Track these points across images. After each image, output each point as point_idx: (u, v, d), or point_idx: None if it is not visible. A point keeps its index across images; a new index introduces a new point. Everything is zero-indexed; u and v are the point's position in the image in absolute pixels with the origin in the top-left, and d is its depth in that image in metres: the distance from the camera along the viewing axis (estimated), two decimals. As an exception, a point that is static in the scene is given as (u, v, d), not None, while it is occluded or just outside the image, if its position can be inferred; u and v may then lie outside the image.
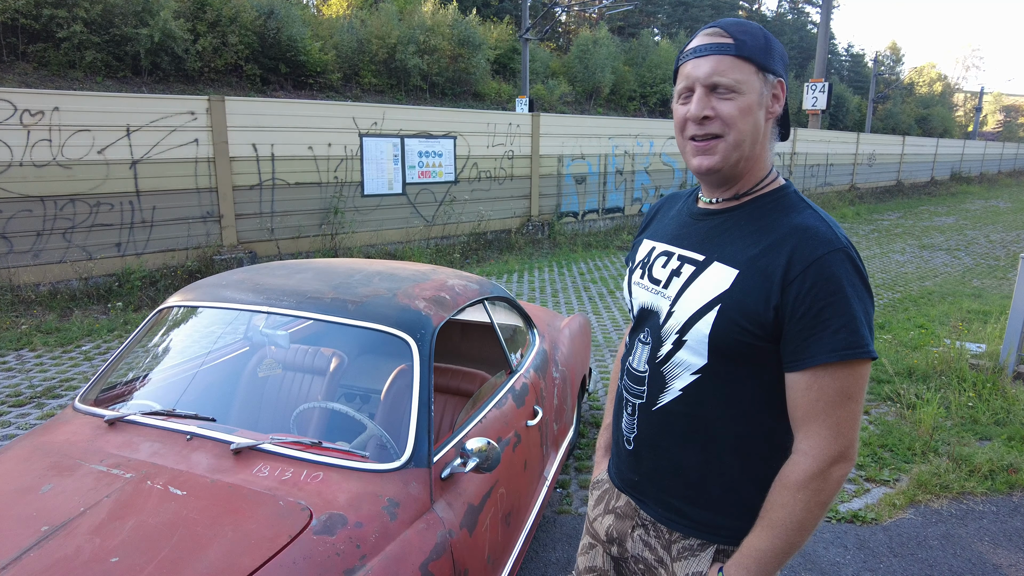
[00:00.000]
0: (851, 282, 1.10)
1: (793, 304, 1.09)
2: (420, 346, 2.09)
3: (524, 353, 2.96)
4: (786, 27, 58.94)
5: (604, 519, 1.46)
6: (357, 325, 2.13)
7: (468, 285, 2.63)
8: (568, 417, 3.24)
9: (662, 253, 1.33)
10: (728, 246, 1.21)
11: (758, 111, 1.18)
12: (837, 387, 1.09)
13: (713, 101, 1.17)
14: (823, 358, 1.08)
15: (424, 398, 1.99)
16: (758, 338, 1.13)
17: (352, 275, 2.52)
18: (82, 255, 6.77)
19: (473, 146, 10.13)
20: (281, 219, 8.22)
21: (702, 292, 1.19)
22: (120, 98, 6.97)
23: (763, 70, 1.17)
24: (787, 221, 1.17)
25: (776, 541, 1.13)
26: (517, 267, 9.38)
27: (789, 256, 1.11)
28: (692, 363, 1.21)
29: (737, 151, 1.19)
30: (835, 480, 1.11)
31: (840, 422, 1.10)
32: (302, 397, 2.21)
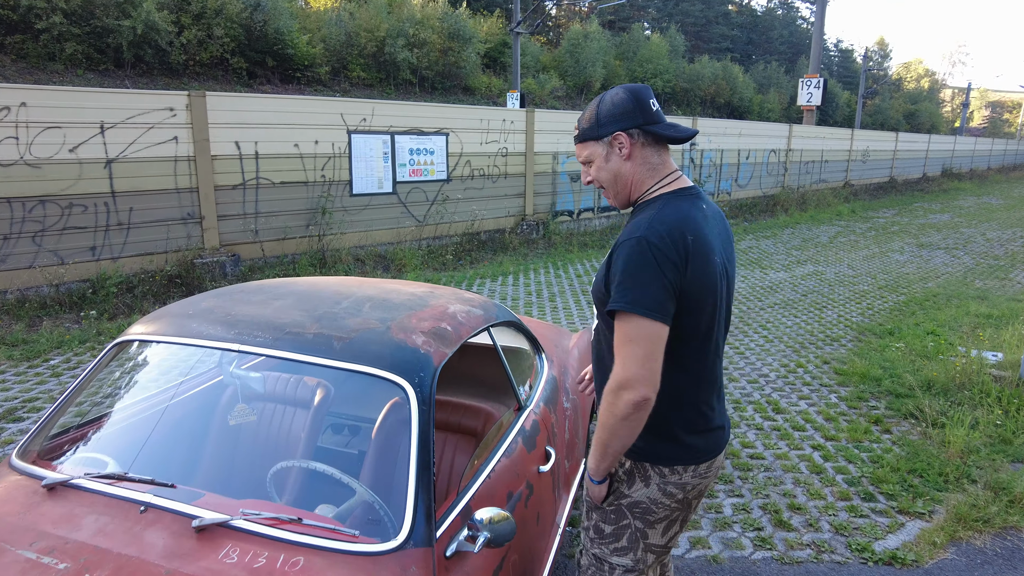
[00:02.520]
0: (631, 258, 1.54)
1: (611, 274, 1.59)
2: (419, 392, 1.79)
3: (533, 383, 2.65)
4: (776, 22, 58.78)
5: None
6: (344, 368, 1.82)
7: (471, 311, 2.32)
8: (580, 451, 2.95)
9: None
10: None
11: (607, 163, 1.69)
12: (622, 331, 1.53)
13: (587, 168, 1.74)
14: (610, 307, 1.55)
15: (424, 458, 1.68)
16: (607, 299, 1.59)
17: (339, 301, 2.21)
18: (53, 260, 6.39)
19: (466, 143, 9.79)
20: (266, 220, 7.85)
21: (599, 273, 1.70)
22: (93, 93, 6.58)
23: (597, 139, 1.68)
24: (635, 218, 1.65)
25: (602, 433, 1.60)
26: (512, 268, 9.07)
27: (615, 243, 1.63)
28: (594, 323, 1.78)
29: (612, 189, 1.74)
30: (622, 404, 1.52)
31: (625, 358, 1.52)
32: (280, 451, 1.89)
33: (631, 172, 1.67)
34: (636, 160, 1.66)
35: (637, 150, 1.66)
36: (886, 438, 4.15)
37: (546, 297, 7.68)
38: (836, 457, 3.89)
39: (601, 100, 1.67)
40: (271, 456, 1.88)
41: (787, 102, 42.59)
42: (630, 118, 1.64)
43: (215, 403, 2.03)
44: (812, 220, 15.47)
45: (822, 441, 4.10)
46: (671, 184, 1.69)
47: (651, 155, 1.68)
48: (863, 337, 6.37)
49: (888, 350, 5.86)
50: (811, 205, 17.20)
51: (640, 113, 1.64)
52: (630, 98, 1.64)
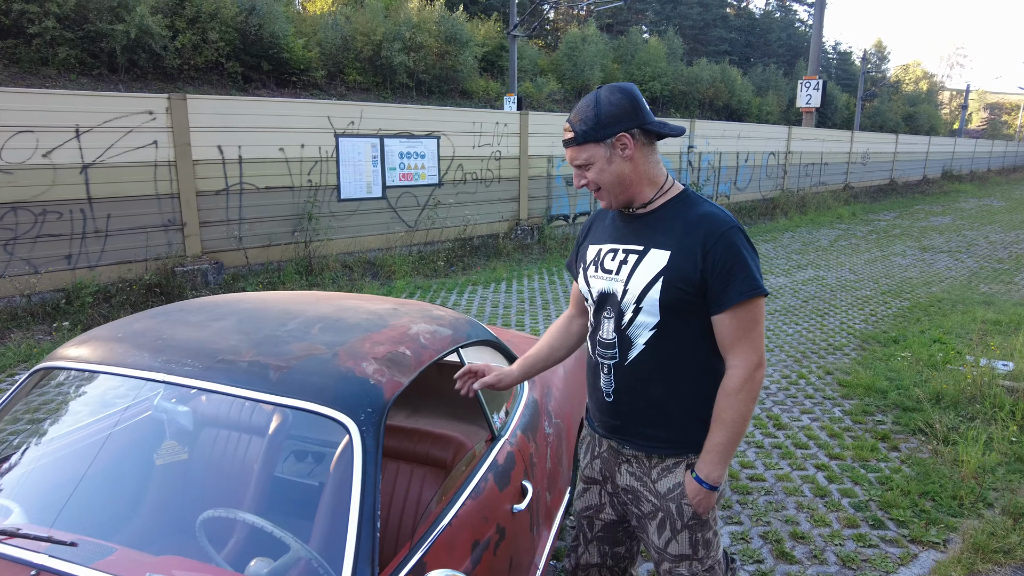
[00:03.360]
0: (744, 246, 1.57)
1: (712, 266, 1.55)
2: (364, 431, 1.56)
3: (510, 408, 2.42)
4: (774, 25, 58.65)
5: (594, 463, 1.88)
6: (278, 403, 1.59)
7: (438, 331, 2.09)
8: (564, 479, 2.71)
9: (609, 251, 1.74)
10: (657, 236, 1.65)
11: (610, 166, 1.63)
12: (748, 318, 1.56)
13: (583, 172, 1.66)
14: (738, 298, 1.54)
15: (369, 508, 1.45)
16: (691, 295, 1.57)
17: (287, 322, 1.97)
18: (27, 268, 6.15)
19: (458, 146, 9.56)
20: (250, 226, 7.62)
21: (647, 271, 1.62)
22: (68, 96, 6.35)
23: (598, 141, 1.61)
24: (693, 212, 1.63)
25: (728, 434, 1.59)
26: (505, 275, 8.84)
27: (704, 234, 1.57)
28: (649, 322, 1.63)
29: (612, 192, 1.66)
30: (758, 380, 1.58)
31: (754, 338, 1.57)
32: (210, 496, 1.66)
33: (634, 172, 1.64)
34: (638, 160, 1.64)
35: (638, 150, 1.63)
36: (894, 456, 3.91)
37: (539, 305, 7.45)
38: (842, 478, 3.65)
39: (597, 101, 1.60)
40: (199, 502, 1.65)
41: (786, 104, 42.42)
42: (631, 118, 1.60)
43: (141, 440, 1.79)
44: (812, 223, 15.25)
45: (826, 460, 3.86)
46: (674, 182, 1.72)
47: (651, 154, 1.67)
48: (867, 346, 6.14)
49: (893, 359, 5.62)
50: (811, 208, 16.97)
51: (638, 112, 1.61)
52: (627, 98, 1.61)
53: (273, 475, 1.64)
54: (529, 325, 6.62)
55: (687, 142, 13.92)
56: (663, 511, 1.70)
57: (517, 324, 6.65)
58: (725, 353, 1.60)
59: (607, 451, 1.81)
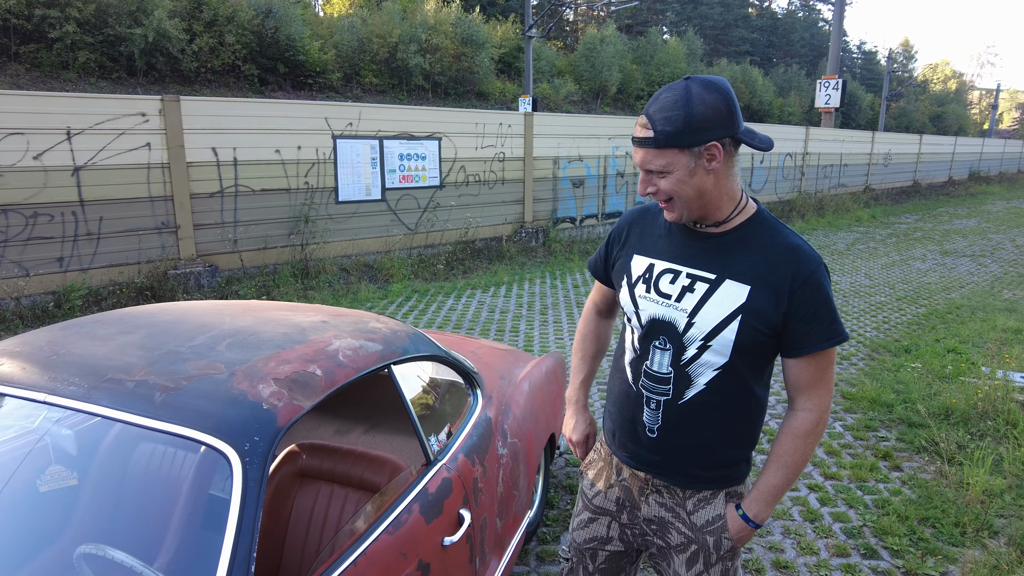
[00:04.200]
0: (830, 288, 1.44)
1: (797, 308, 1.41)
2: (247, 462, 1.39)
3: (455, 429, 2.24)
4: (797, 25, 57.77)
5: (610, 493, 1.70)
6: (155, 428, 1.44)
7: (364, 347, 1.92)
8: (521, 503, 2.52)
9: (666, 271, 1.53)
10: (734, 266, 1.45)
11: (692, 178, 1.39)
12: (826, 363, 1.46)
13: (654, 178, 1.43)
14: (822, 345, 1.42)
15: (242, 552, 1.29)
16: (769, 336, 1.43)
17: (196, 336, 1.82)
18: (17, 271, 6.12)
19: (460, 148, 9.41)
20: (245, 229, 7.54)
21: (722, 306, 1.44)
22: (59, 98, 6.31)
23: (684, 148, 1.37)
24: (778, 243, 1.45)
25: (788, 476, 1.50)
26: (507, 278, 8.66)
27: (792, 273, 1.41)
28: (715, 362, 1.46)
29: (687, 207, 1.43)
30: (825, 423, 1.50)
31: (828, 384, 1.48)
32: (81, 529, 1.51)
33: (715, 187, 1.42)
34: (722, 173, 1.41)
35: (724, 162, 1.41)
36: (895, 477, 3.66)
37: (537, 309, 7.26)
38: (835, 500, 3.41)
39: (689, 99, 1.34)
40: (84, 532, 1.50)
41: (808, 105, 41.70)
42: (725, 125, 1.37)
43: (28, 464, 1.66)
44: (829, 226, 14.85)
45: (820, 480, 3.62)
46: (748, 200, 1.53)
47: (734, 165, 1.45)
48: (876, 355, 5.85)
49: (903, 370, 5.35)
50: (829, 210, 16.56)
51: (733, 118, 1.38)
52: (723, 99, 1.36)
53: (148, 508, 1.49)
54: (524, 331, 6.43)
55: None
56: (697, 544, 1.56)
57: (512, 330, 6.47)
58: (796, 394, 1.49)
59: (628, 479, 1.65)
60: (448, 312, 7.05)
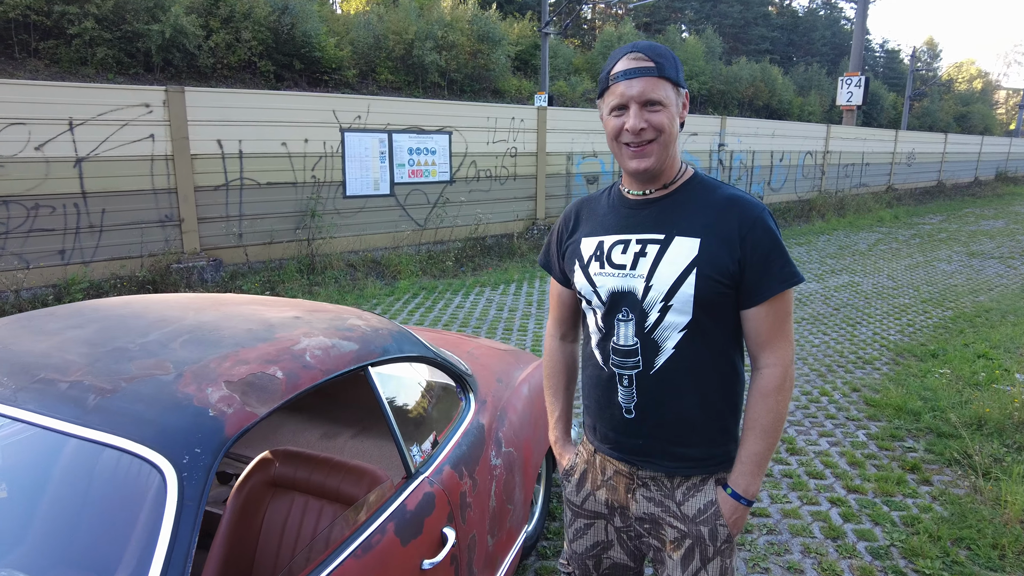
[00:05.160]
0: (778, 232, 1.41)
1: (750, 254, 1.37)
2: (185, 477, 1.21)
3: (442, 438, 2.04)
4: (818, 23, 56.91)
5: (597, 495, 1.60)
6: (82, 437, 1.26)
7: (337, 346, 1.73)
8: (517, 517, 2.32)
9: (616, 243, 1.48)
10: (682, 222, 1.43)
11: (675, 119, 1.40)
12: (784, 308, 1.41)
13: (645, 114, 1.37)
14: (776, 288, 1.38)
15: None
16: (727, 287, 1.38)
17: (151, 332, 1.64)
18: (19, 263, 6.03)
19: (471, 142, 9.22)
20: (251, 223, 7.40)
21: (675, 263, 1.40)
22: (61, 88, 6.22)
23: (677, 85, 1.39)
24: (719, 196, 1.43)
25: (767, 440, 1.41)
26: (517, 276, 8.46)
27: (739, 220, 1.39)
28: (679, 322, 1.41)
29: (665, 152, 1.41)
30: (792, 376, 1.43)
31: (788, 332, 1.42)
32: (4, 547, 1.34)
33: (675, 140, 1.43)
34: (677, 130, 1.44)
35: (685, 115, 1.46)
36: (924, 491, 3.41)
37: (546, 308, 7.04)
38: (860, 516, 3.17)
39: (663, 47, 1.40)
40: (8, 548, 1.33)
41: (828, 104, 41.00)
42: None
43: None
44: (850, 226, 14.47)
45: (843, 494, 3.39)
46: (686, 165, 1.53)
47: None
48: (901, 360, 5.58)
49: (930, 376, 5.07)
50: (850, 210, 16.16)
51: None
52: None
53: (69, 529, 1.32)
54: (533, 330, 6.22)
55: (717, 140, 13.34)
56: (691, 537, 1.46)
57: (520, 328, 6.26)
58: (758, 350, 1.43)
59: (614, 477, 1.56)
60: (455, 310, 6.86)
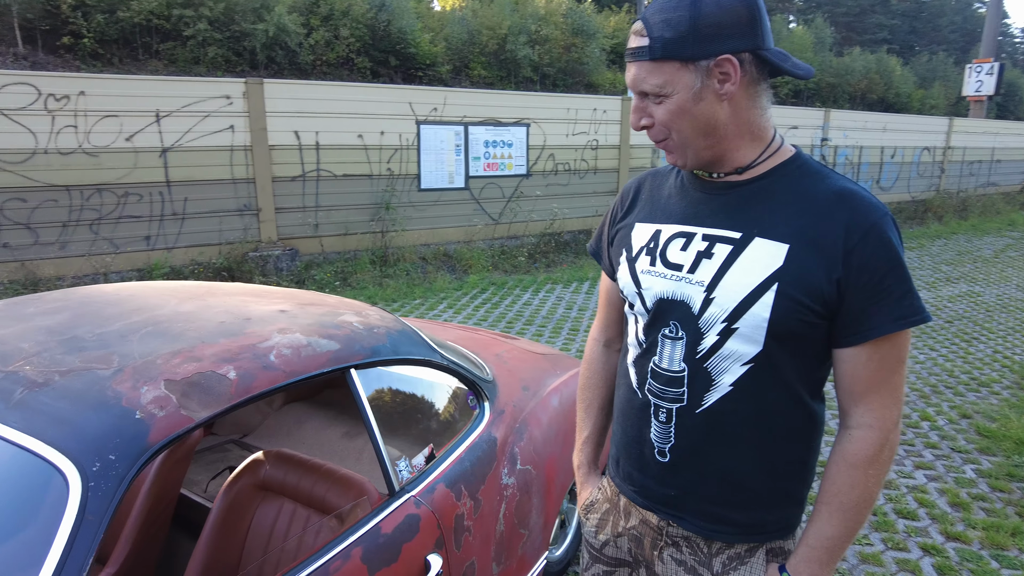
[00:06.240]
0: (900, 247, 1.04)
1: (856, 275, 1.01)
2: (92, 487, 1.06)
3: (442, 453, 1.82)
4: (946, 7, 52.33)
5: (618, 543, 1.30)
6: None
7: (310, 346, 1.54)
8: (533, 543, 2.06)
9: (676, 235, 1.16)
10: (766, 219, 1.07)
11: (697, 104, 1.04)
12: (896, 354, 1.04)
13: (649, 107, 1.08)
14: (889, 327, 1.01)
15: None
16: (818, 315, 1.03)
17: (117, 321, 1.51)
18: (110, 248, 6.35)
19: (549, 135, 8.96)
20: (327, 214, 7.49)
21: (749, 272, 1.06)
22: (149, 81, 6.49)
23: (689, 60, 1.02)
24: (825, 188, 1.06)
25: (849, 524, 1.07)
26: (592, 274, 8.14)
27: (846, 225, 1.02)
28: (744, 353, 1.07)
29: (691, 147, 1.08)
30: (895, 445, 1.07)
31: (898, 387, 1.06)
32: None
33: (732, 119, 1.07)
34: (740, 102, 1.06)
35: (744, 87, 1.05)
36: (1044, 544, 2.86)
37: (620, 309, 6.69)
38: (960, 571, 2.68)
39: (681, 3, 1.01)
40: None
41: (955, 97, 37.48)
42: (743, 35, 1.02)
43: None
44: (974, 230, 13.07)
45: (941, 541, 2.89)
46: (784, 142, 1.13)
47: (759, 96, 1.08)
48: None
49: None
50: (974, 212, 14.62)
51: (756, 28, 1.03)
52: (744, 2, 1.01)
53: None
54: (601, 331, 5.91)
55: (819, 134, 12.39)
56: None
57: (586, 329, 5.96)
58: (851, 404, 1.08)
59: (639, 527, 1.25)
60: (522, 307, 6.65)
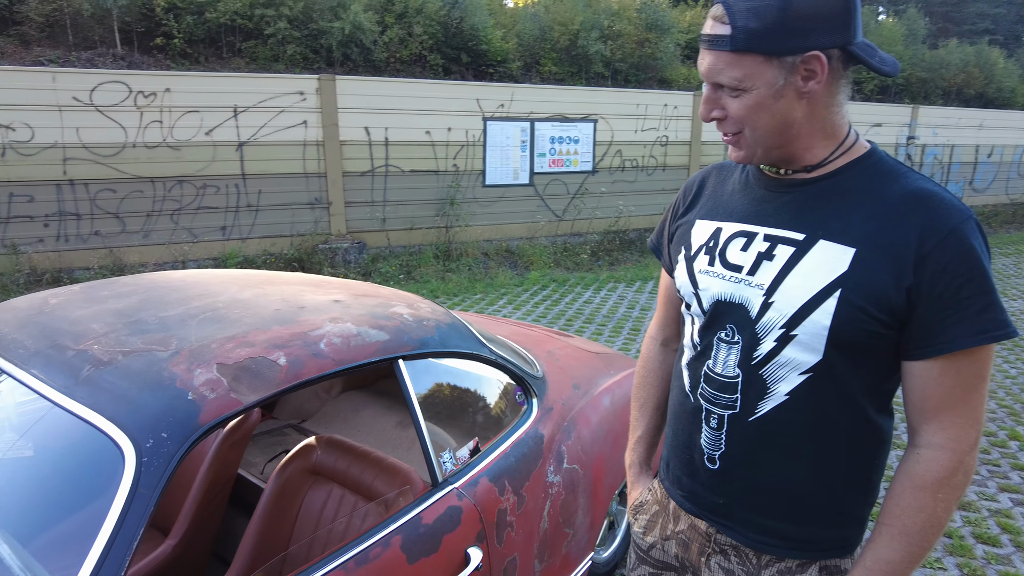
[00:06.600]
0: (984, 255, 0.95)
1: (930, 283, 0.94)
2: (145, 462, 1.12)
3: (488, 447, 1.82)
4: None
5: (665, 546, 1.27)
6: (60, 405, 1.23)
7: (360, 336, 1.56)
8: (578, 543, 2.04)
9: (737, 234, 1.11)
10: (833, 221, 1.01)
11: (777, 102, 0.98)
12: (975, 371, 0.96)
13: (722, 99, 1.02)
14: (967, 342, 0.93)
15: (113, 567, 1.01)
16: (885, 325, 0.97)
17: (179, 306, 1.59)
18: (188, 237, 6.69)
19: (617, 131, 8.84)
20: (394, 208, 7.65)
21: (811, 277, 1.01)
22: (228, 78, 6.78)
23: (773, 55, 0.95)
24: (899, 188, 0.99)
25: (912, 549, 0.99)
26: (657, 274, 7.99)
27: (921, 229, 0.95)
28: (803, 361, 1.02)
29: (763, 143, 1.02)
30: (971, 469, 0.99)
31: (976, 407, 0.97)
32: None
33: (808, 118, 1.01)
34: (820, 100, 1.00)
35: (827, 84, 0.99)
36: None
37: (683, 309, 6.54)
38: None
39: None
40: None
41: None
42: (836, 30, 0.95)
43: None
44: (1078, 235, 12.09)
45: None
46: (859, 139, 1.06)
47: (838, 92, 1.01)
48: None
49: None
50: (1080, 217, 13.51)
51: (850, 23, 0.96)
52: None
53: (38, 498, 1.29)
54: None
55: (905, 132, 11.74)
56: None
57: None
58: (921, 421, 1.00)
59: (687, 531, 1.22)
60: (582, 305, 6.59)
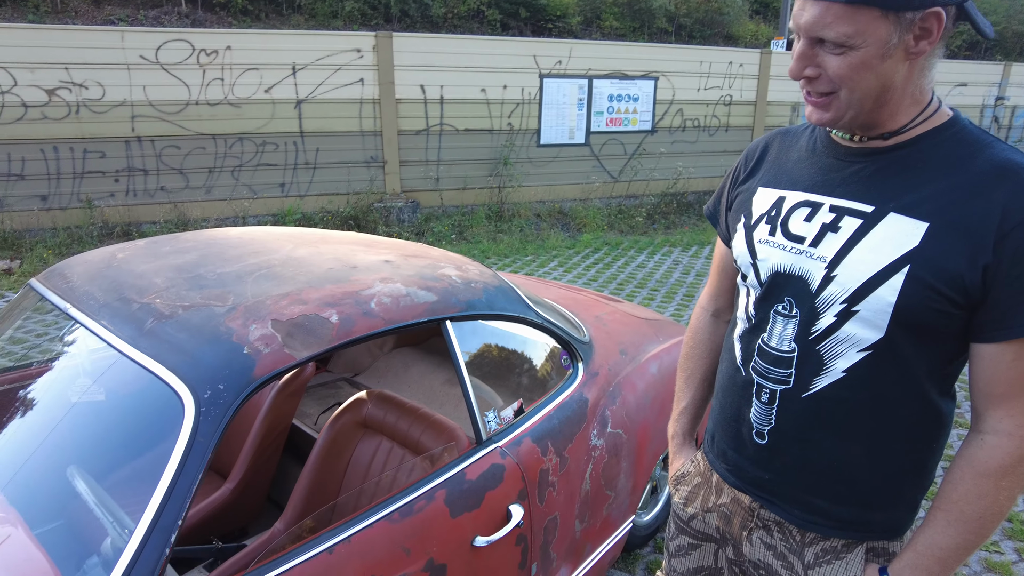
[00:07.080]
0: None
1: (1010, 263, 0.88)
2: (203, 412, 1.17)
3: (532, 408, 1.84)
4: None
5: (706, 518, 1.25)
6: (127, 354, 1.30)
7: (409, 296, 1.59)
8: (620, 506, 2.06)
9: (800, 204, 1.06)
10: (907, 193, 0.96)
11: (884, 62, 0.90)
12: None
13: (820, 55, 0.93)
14: None
15: (169, 516, 1.09)
16: (956, 305, 0.92)
17: (236, 263, 1.65)
18: (248, 193, 6.89)
19: (679, 89, 8.56)
20: (447, 168, 7.66)
21: (878, 251, 0.95)
22: (287, 35, 6.84)
23: (891, 9, 0.86)
24: (982, 160, 0.92)
25: (968, 536, 0.95)
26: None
27: (1003, 203, 0.88)
28: (863, 338, 0.98)
29: (857, 107, 0.95)
30: None
31: None
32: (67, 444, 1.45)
33: (904, 83, 0.95)
34: (922, 63, 0.94)
35: (935, 46, 0.94)
36: None
37: (739, 275, 6.39)
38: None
39: None
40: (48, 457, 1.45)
41: None
42: None
43: (66, 373, 1.65)
44: None
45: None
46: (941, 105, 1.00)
47: (934, 55, 0.96)
48: None
49: None
50: None
51: None
52: None
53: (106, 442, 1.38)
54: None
55: (995, 92, 10.97)
56: None
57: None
58: (987, 406, 0.96)
59: (730, 504, 1.20)
60: (635, 269, 6.51)
